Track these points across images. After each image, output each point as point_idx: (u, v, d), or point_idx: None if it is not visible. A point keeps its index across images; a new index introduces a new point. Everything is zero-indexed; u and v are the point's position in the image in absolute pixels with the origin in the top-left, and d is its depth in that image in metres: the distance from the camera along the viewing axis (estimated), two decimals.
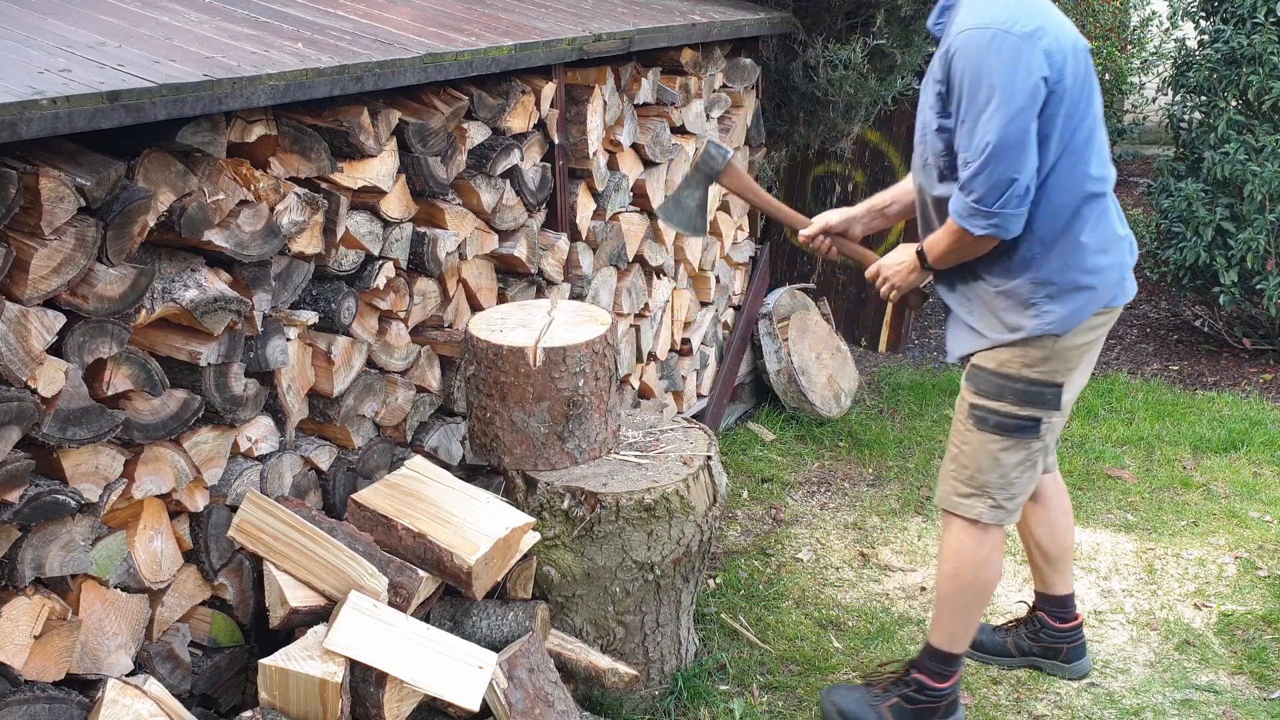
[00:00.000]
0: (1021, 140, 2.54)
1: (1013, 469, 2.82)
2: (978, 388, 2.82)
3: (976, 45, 2.54)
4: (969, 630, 2.95)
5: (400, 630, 2.42)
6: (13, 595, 2.11)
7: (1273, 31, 5.33)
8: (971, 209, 2.60)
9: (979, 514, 2.86)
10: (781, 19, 4.66)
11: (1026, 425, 2.78)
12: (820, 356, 5.05)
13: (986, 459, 2.82)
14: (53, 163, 2.06)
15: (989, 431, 2.81)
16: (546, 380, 2.84)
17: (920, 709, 2.96)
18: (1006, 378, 2.77)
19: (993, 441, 2.81)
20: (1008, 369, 2.77)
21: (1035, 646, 3.27)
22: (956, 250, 2.73)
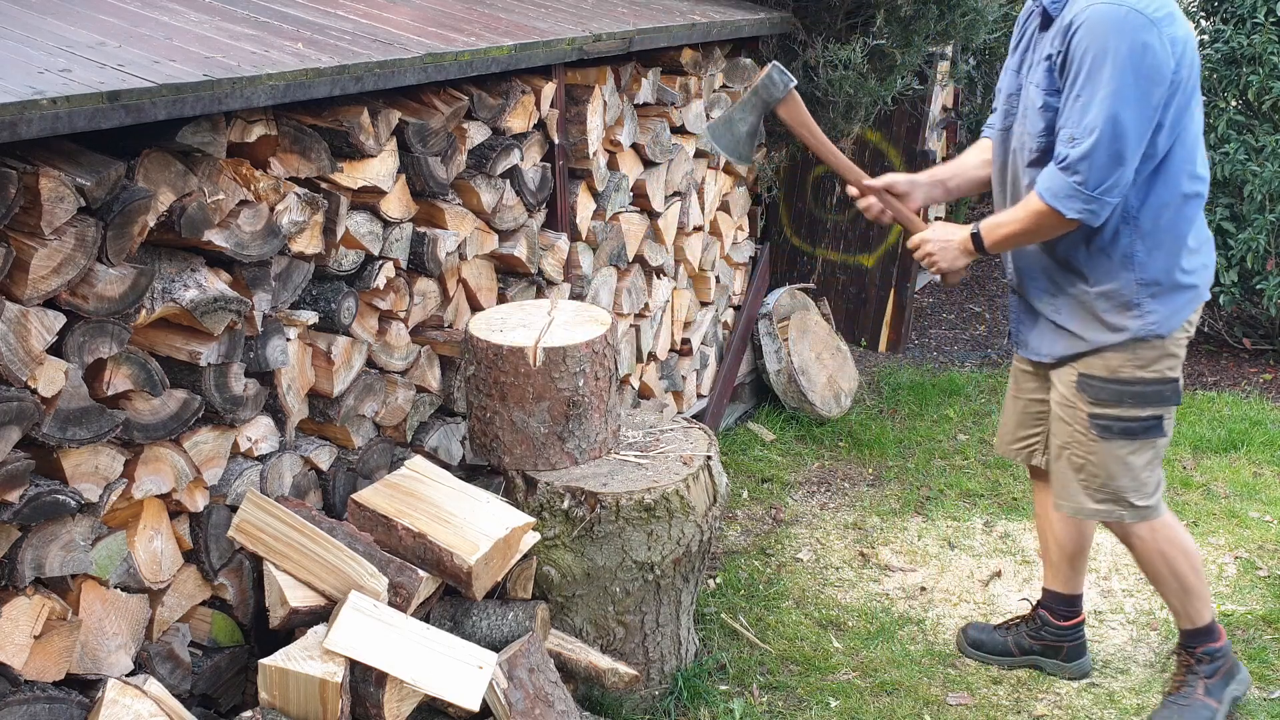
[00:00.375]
0: (1139, 127, 2.50)
1: (1143, 469, 2.82)
2: (1095, 397, 2.79)
3: (1107, 20, 2.46)
4: (1204, 597, 2.98)
5: (400, 630, 2.42)
6: (13, 595, 2.11)
7: (1273, 31, 5.33)
8: (1072, 189, 2.55)
9: (1120, 518, 2.87)
10: (781, 19, 4.66)
11: (1151, 425, 2.78)
12: (820, 356, 5.05)
13: (1116, 465, 2.82)
14: (53, 163, 2.06)
15: (1115, 438, 2.79)
16: (546, 380, 2.84)
17: (1224, 672, 3.01)
18: (1123, 383, 2.75)
19: (1121, 447, 2.80)
20: (1122, 374, 2.75)
21: (1036, 644, 3.28)
22: (1032, 232, 2.68)
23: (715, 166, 4.52)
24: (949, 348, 6.05)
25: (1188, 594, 2.97)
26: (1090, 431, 2.81)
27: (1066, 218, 2.59)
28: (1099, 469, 2.83)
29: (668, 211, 4.12)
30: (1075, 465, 2.87)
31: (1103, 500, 2.87)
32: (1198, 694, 2.99)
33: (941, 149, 6.96)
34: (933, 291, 6.86)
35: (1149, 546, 2.92)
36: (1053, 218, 2.61)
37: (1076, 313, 2.79)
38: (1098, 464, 2.83)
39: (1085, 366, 2.80)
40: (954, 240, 2.84)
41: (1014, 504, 4.29)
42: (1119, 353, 2.75)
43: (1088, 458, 2.84)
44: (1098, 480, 2.85)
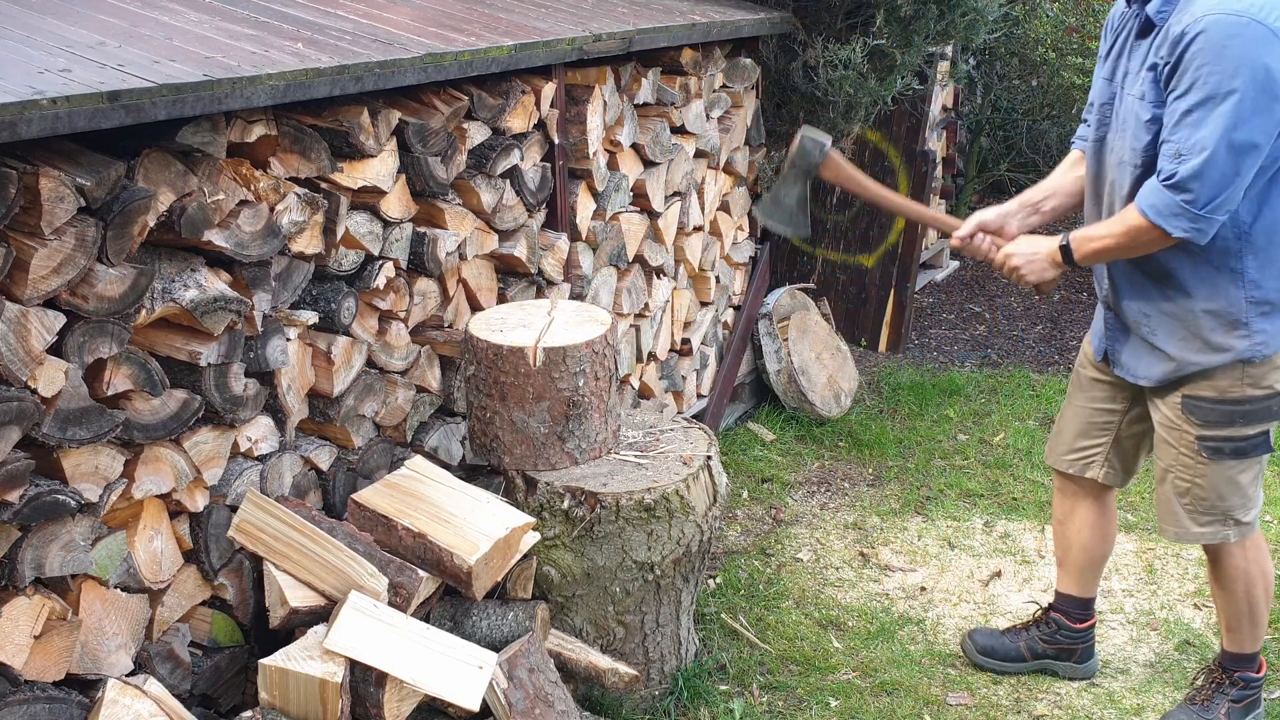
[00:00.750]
0: (1256, 144, 2.40)
1: (1250, 485, 2.78)
2: (1204, 419, 2.71)
3: (1227, 31, 2.33)
4: (1264, 627, 2.95)
5: (400, 630, 2.43)
6: (13, 595, 2.11)
7: None
8: (1179, 207, 2.46)
9: (1225, 538, 2.82)
10: (781, 19, 4.66)
11: (1261, 442, 2.72)
12: (820, 356, 5.05)
13: (1227, 485, 2.76)
14: (53, 163, 2.06)
15: (1227, 459, 2.73)
16: (546, 380, 2.84)
17: (1249, 701, 2.99)
18: (1234, 403, 2.68)
19: (1231, 468, 2.74)
20: (1232, 394, 2.68)
21: (1050, 648, 3.26)
22: (1128, 248, 2.60)
23: (715, 167, 4.52)
24: (949, 348, 6.05)
25: (1254, 620, 2.93)
26: (1200, 454, 2.74)
27: (1171, 236, 2.50)
28: (1208, 490, 2.77)
29: (668, 211, 4.12)
30: (1180, 489, 2.80)
31: (1209, 522, 2.80)
32: (1219, 713, 2.97)
33: (941, 149, 6.96)
34: (932, 291, 6.86)
35: (1239, 566, 2.87)
36: (1153, 233, 2.52)
37: (1175, 332, 2.69)
38: (1206, 486, 2.76)
39: (1191, 388, 2.71)
40: (1041, 252, 2.75)
41: (1014, 504, 4.29)
42: (1226, 372, 2.66)
43: (1195, 480, 2.77)
44: (1206, 502, 2.78)
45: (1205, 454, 2.73)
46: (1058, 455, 3.11)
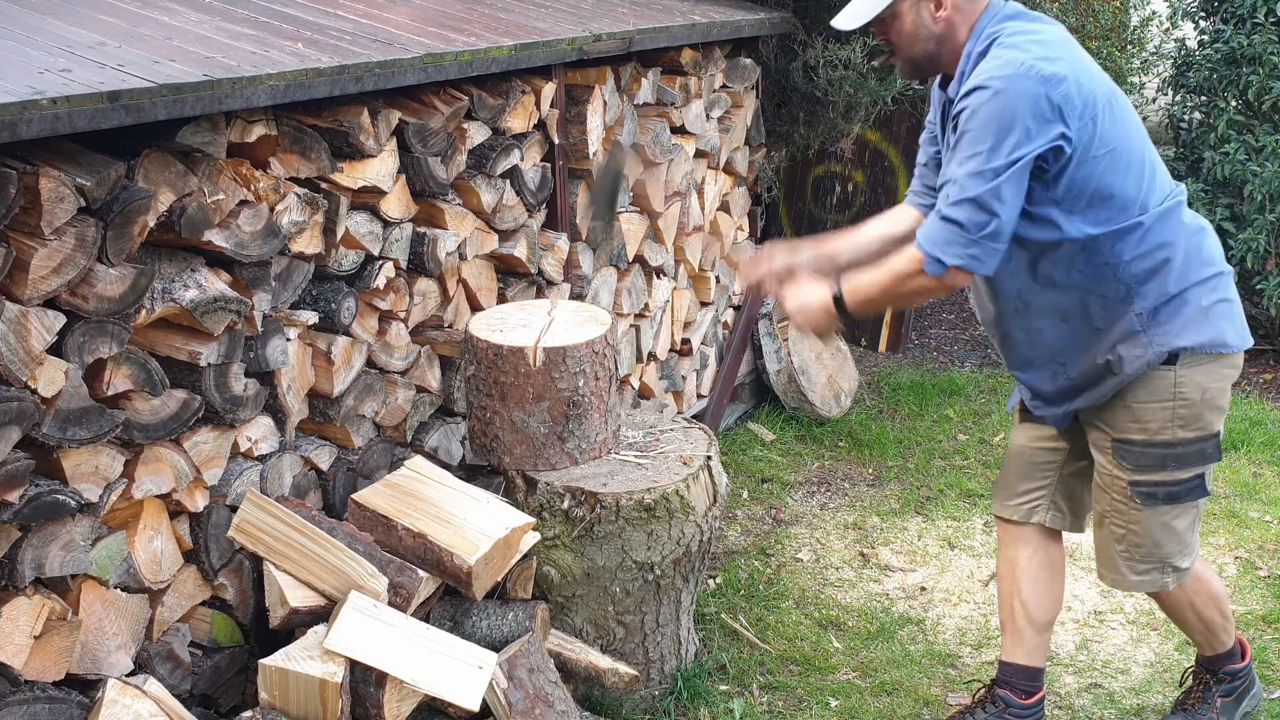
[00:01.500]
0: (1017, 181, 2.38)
1: (1186, 531, 2.67)
2: (1136, 464, 2.60)
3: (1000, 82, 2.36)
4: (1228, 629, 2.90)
5: (400, 630, 2.42)
6: (13, 595, 2.11)
7: (1273, 31, 5.33)
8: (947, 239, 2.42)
9: (1163, 586, 2.73)
10: (781, 19, 4.66)
11: (1195, 486, 2.62)
12: (820, 356, 5.05)
13: (1162, 532, 2.65)
14: (53, 163, 2.06)
15: (1160, 504, 2.62)
16: (546, 380, 2.84)
17: (1240, 692, 2.95)
18: (1164, 445, 2.58)
19: (1165, 513, 2.63)
20: (1162, 436, 2.57)
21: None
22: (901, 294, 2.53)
23: (715, 167, 4.52)
24: (949, 348, 6.05)
25: (1212, 630, 2.89)
26: (1133, 500, 2.63)
27: (947, 269, 2.42)
28: (1143, 537, 2.66)
29: (668, 211, 4.12)
30: (1116, 535, 2.70)
31: (1146, 570, 2.70)
32: (1212, 712, 2.94)
33: None
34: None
35: (1180, 601, 2.82)
36: (920, 274, 2.45)
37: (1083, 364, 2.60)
38: (1141, 532, 2.66)
39: (1121, 433, 2.61)
40: (814, 303, 2.61)
41: None
42: (1156, 415, 2.56)
43: (1130, 526, 2.66)
44: (1141, 549, 2.68)
45: (1138, 500, 2.62)
46: (1002, 503, 2.93)
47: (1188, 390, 2.54)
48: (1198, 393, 2.54)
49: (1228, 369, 2.58)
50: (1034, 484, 2.87)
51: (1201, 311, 2.53)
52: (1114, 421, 2.61)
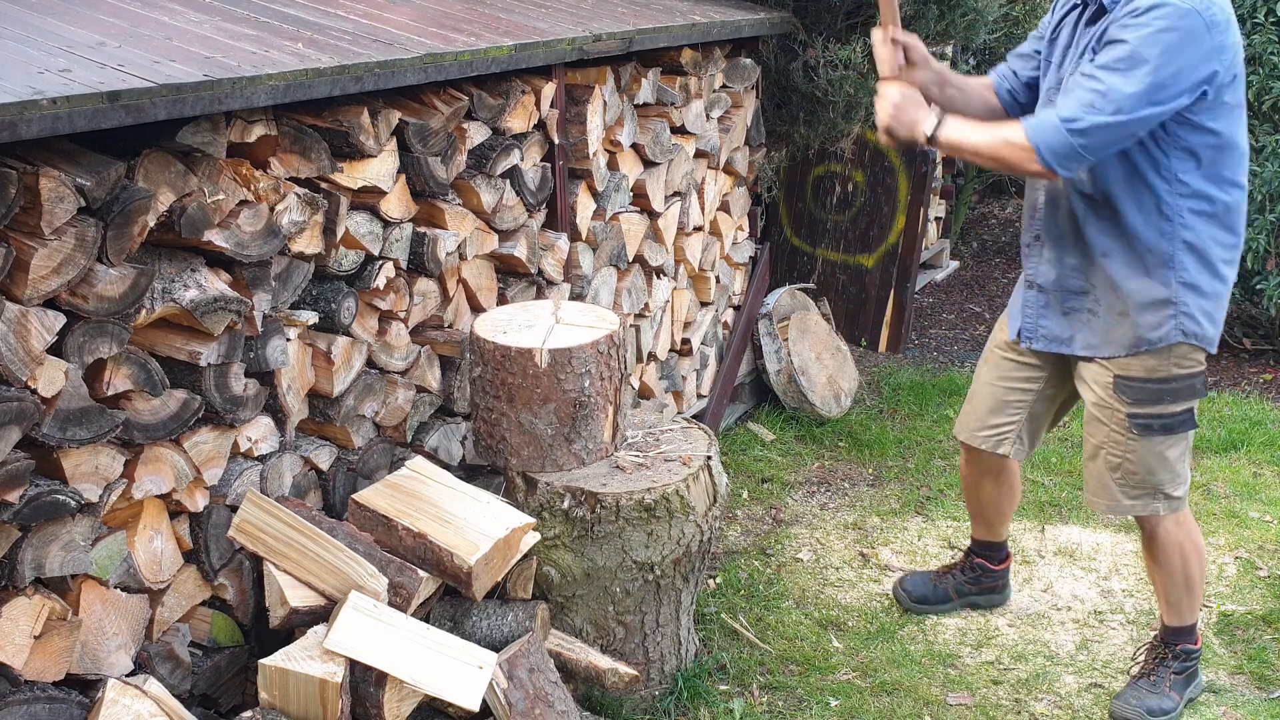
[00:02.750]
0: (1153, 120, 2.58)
1: (1177, 461, 2.93)
2: (1134, 397, 2.86)
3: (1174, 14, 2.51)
4: (1200, 598, 3.10)
5: (400, 630, 2.42)
6: (13, 595, 2.11)
7: (1273, 31, 5.33)
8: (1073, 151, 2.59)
9: (1155, 511, 2.97)
10: (781, 19, 4.66)
11: (1186, 419, 2.88)
12: (820, 356, 5.05)
13: (1156, 461, 2.91)
14: (53, 163, 2.06)
15: (1156, 435, 2.88)
16: (553, 381, 2.84)
17: (1190, 672, 3.13)
18: (1161, 381, 2.84)
19: (1160, 443, 2.89)
20: (1160, 373, 2.84)
21: (975, 588, 3.56)
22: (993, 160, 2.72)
23: (715, 167, 4.52)
24: (949, 348, 6.05)
25: (1190, 591, 3.06)
26: (1130, 431, 2.89)
27: (1054, 172, 2.64)
28: (1138, 466, 2.92)
29: (668, 211, 4.12)
30: (1112, 464, 2.95)
31: (1139, 495, 2.95)
32: (1165, 686, 3.10)
33: None
34: (933, 291, 6.86)
35: (1173, 539, 3.01)
36: (1032, 165, 2.64)
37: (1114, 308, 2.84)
38: (1136, 461, 2.91)
39: (1122, 369, 2.87)
40: (913, 112, 2.83)
41: None
42: (1156, 354, 2.82)
43: (1126, 456, 2.92)
44: (1136, 477, 2.93)
45: (1135, 430, 2.88)
46: (970, 431, 3.28)
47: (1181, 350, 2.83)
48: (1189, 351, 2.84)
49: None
50: (1004, 419, 3.21)
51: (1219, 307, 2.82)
52: (1120, 357, 2.86)
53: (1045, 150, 2.61)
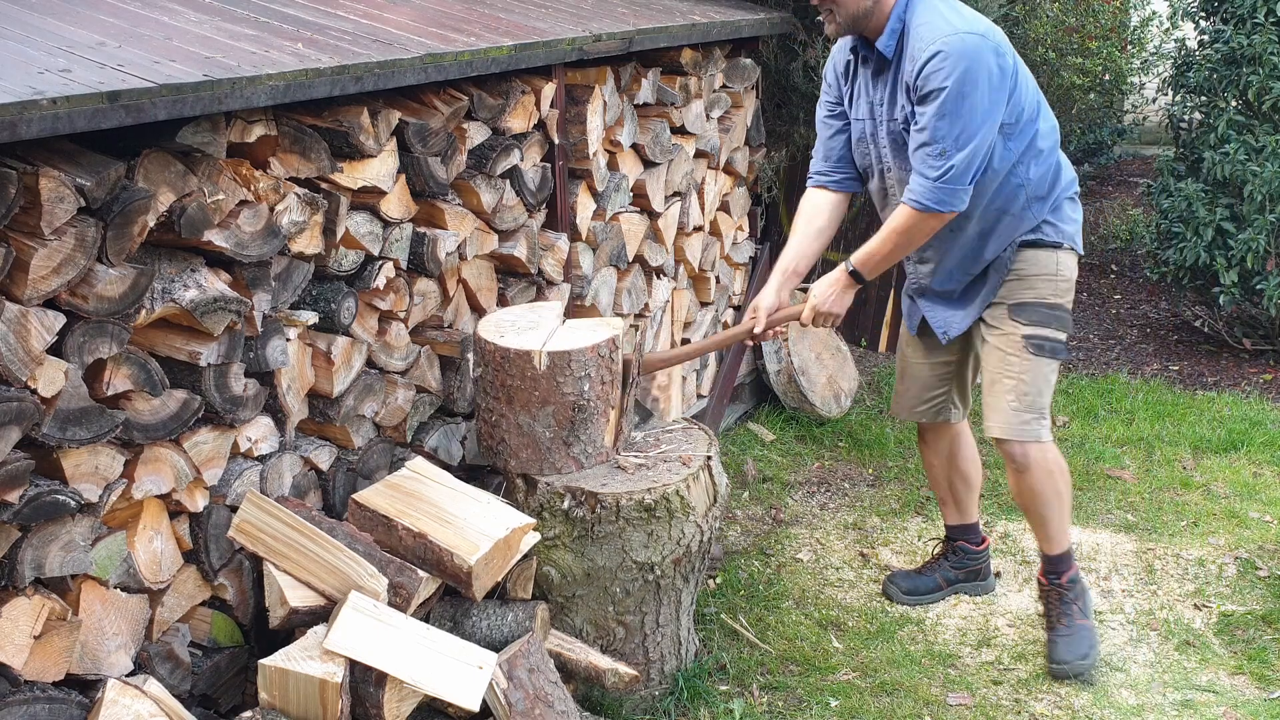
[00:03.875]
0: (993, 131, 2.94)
1: (1050, 388, 3.21)
2: (1029, 318, 3.16)
3: (959, 48, 2.84)
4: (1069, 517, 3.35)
5: (400, 630, 2.42)
6: (13, 595, 2.11)
7: (1273, 32, 5.32)
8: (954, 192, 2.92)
9: (1040, 433, 3.20)
10: (781, 19, 4.66)
11: (1060, 347, 3.20)
12: (820, 356, 5.05)
13: (1043, 381, 3.18)
14: (53, 163, 2.06)
15: (1045, 356, 3.16)
16: (551, 384, 2.84)
17: (1084, 592, 3.38)
18: (1050, 307, 3.16)
19: (1045, 365, 3.17)
20: (1048, 299, 3.15)
21: (961, 574, 3.66)
22: (908, 245, 3.04)
23: (715, 167, 4.52)
24: None
25: (1064, 513, 3.30)
26: (1026, 350, 3.16)
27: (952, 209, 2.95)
28: (1029, 385, 3.16)
29: (668, 212, 4.12)
30: (1008, 387, 3.18)
31: (1032, 418, 3.19)
32: (1077, 619, 3.30)
33: None
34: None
35: (1044, 464, 3.22)
36: (933, 221, 2.98)
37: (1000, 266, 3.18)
38: (1029, 381, 3.16)
39: (1016, 298, 3.17)
40: (836, 285, 3.14)
41: (1014, 504, 4.28)
42: (1044, 281, 3.14)
43: (1020, 377, 3.17)
44: (1028, 398, 3.17)
45: (1031, 349, 3.15)
46: (909, 409, 3.54)
47: (1064, 269, 3.18)
48: (1068, 272, 3.19)
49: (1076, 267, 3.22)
50: (936, 391, 3.49)
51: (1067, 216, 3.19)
52: (1012, 292, 3.17)
53: (932, 202, 2.93)
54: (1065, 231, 3.18)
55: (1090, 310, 6.63)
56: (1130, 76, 8.46)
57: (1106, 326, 6.38)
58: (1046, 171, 3.11)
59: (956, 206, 2.95)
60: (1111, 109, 8.79)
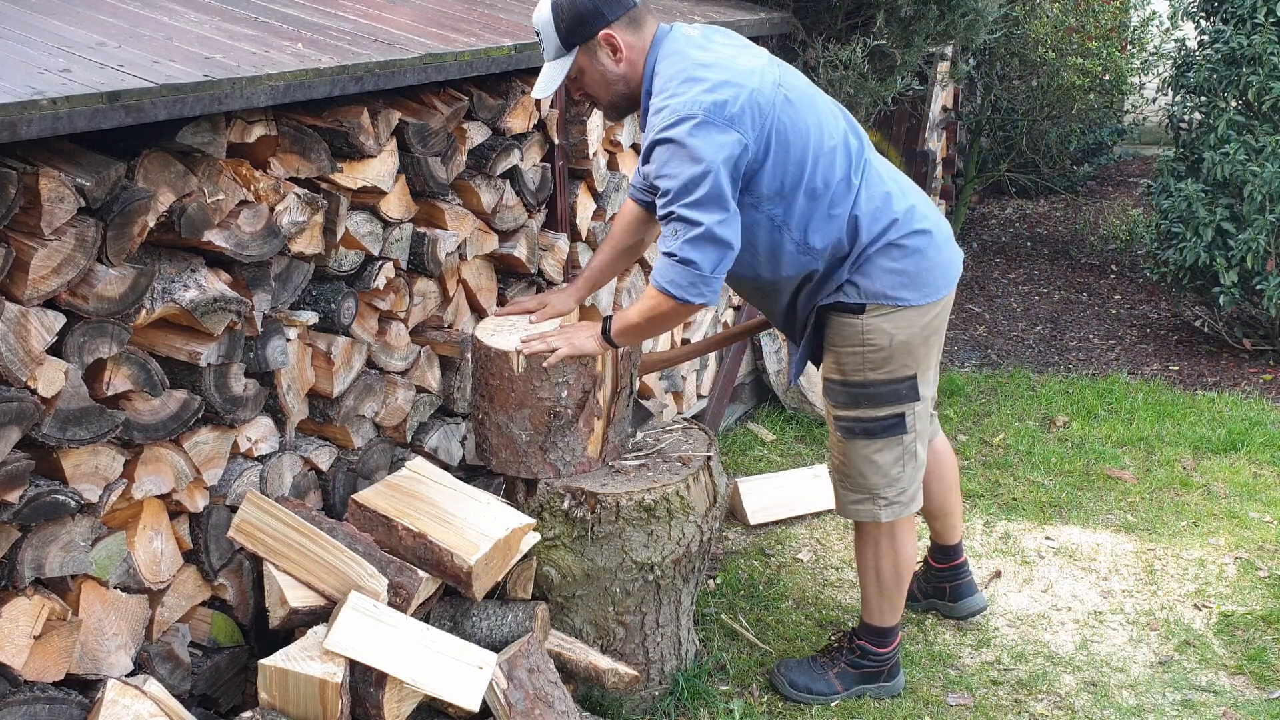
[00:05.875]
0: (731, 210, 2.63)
1: (891, 466, 2.93)
2: (835, 400, 2.93)
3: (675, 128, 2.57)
4: (898, 604, 3.12)
5: (400, 630, 2.42)
6: (13, 595, 2.11)
7: (1273, 32, 5.33)
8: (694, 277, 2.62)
9: (875, 516, 2.98)
10: (781, 19, 4.66)
11: (892, 424, 2.88)
12: None
13: (865, 464, 2.93)
14: (53, 163, 2.06)
15: (859, 438, 2.92)
16: (528, 387, 2.83)
17: (865, 672, 3.17)
18: (859, 386, 2.86)
19: (865, 447, 2.92)
20: (855, 378, 2.86)
21: (928, 588, 3.54)
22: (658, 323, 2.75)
23: None
24: (948, 348, 6.04)
25: (882, 593, 3.09)
26: (837, 433, 2.96)
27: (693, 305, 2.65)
28: (850, 468, 2.96)
29: None
30: (834, 466, 3.04)
31: (859, 500, 2.99)
32: (830, 671, 3.16)
33: (941, 149, 6.96)
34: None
35: (872, 537, 3.03)
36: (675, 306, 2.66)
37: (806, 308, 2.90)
38: (848, 463, 2.97)
39: (826, 371, 2.93)
40: (582, 334, 2.85)
41: (1014, 504, 4.29)
42: (849, 358, 2.84)
43: (841, 458, 2.99)
44: (850, 479, 2.98)
45: (840, 433, 2.95)
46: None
47: (871, 338, 2.81)
48: (879, 339, 2.80)
49: (915, 318, 2.80)
50: None
51: (880, 269, 2.77)
52: (825, 366, 2.93)
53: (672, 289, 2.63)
54: (871, 289, 2.77)
55: (1090, 310, 6.64)
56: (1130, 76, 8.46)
57: (1106, 326, 6.38)
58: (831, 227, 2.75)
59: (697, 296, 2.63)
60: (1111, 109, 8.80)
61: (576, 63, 2.71)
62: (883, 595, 3.08)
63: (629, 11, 2.68)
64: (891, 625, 3.13)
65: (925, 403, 2.92)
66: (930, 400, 2.96)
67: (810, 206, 2.72)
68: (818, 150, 2.70)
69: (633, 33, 2.69)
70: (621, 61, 2.70)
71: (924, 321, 2.82)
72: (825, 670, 3.16)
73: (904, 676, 3.21)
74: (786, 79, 2.75)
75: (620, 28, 2.67)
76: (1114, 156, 9.32)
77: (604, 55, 2.70)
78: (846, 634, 3.23)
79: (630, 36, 2.69)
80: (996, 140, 8.36)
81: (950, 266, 2.87)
